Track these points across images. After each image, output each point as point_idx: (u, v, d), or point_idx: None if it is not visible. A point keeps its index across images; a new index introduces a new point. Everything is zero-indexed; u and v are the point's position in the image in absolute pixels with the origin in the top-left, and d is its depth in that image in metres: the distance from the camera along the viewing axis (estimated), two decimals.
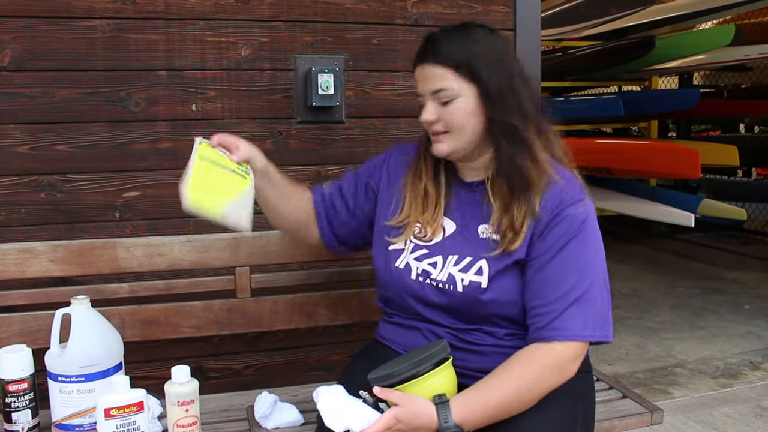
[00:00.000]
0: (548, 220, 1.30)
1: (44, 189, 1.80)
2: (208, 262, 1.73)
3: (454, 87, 1.31)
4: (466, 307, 1.33)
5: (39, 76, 1.77)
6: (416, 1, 2.03)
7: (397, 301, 1.44)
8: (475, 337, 1.36)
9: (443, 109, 1.33)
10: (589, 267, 1.29)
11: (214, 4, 1.87)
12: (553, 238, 1.29)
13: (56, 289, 1.66)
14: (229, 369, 2.01)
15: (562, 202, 1.31)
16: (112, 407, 1.23)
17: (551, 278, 1.28)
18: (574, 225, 1.29)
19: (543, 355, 1.26)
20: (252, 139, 1.90)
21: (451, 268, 1.35)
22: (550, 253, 1.29)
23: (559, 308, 1.26)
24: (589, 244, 1.30)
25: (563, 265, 1.28)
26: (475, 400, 1.22)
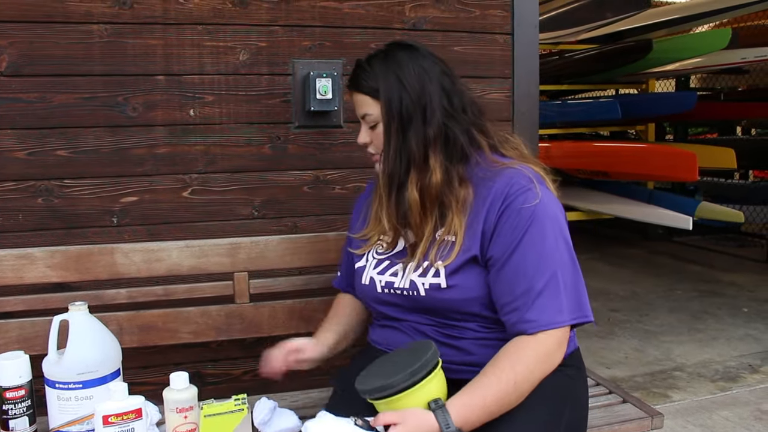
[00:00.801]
0: (497, 216, 1.30)
1: (42, 194, 1.80)
2: (207, 267, 1.72)
3: (375, 113, 1.38)
4: (434, 309, 1.37)
5: (36, 81, 1.76)
6: (414, 6, 2.03)
7: (380, 311, 1.49)
8: (455, 332, 1.37)
9: (372, 133, 1.41)
10: (551, 255, 1.28)
11: (212, 8, 1.87)
12: (507, 233, 1.29)
13: (54, 295, 1.66)
14: (227, 374, 2.00)
15: (509, 196, 1.30)
16: (110, 414, 1.22)
17: (514, 273, 1.28)
18: (525, 216, 1.28)
19: (528, 347, 1.25)
20: (250, 143, 1.92)
21: (411, 274, 1.37)
22: (508, 250, 1.28)
23: (529, 300, 1.25)
24: (547, 233, 1.29)
25: (523, 259, 1.27)
26: (471, 401, 1.22)
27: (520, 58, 2.16)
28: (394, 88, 1.35)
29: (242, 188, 1.94)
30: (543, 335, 1.25)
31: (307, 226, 2.00)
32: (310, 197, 2.00)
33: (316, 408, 1.65)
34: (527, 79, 2.19)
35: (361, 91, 1.39)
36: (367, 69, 1.38)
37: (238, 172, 1.93)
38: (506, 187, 1.31)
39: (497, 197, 1.31)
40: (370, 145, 1.44)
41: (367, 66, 1.39)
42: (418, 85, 1.34)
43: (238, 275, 1.74)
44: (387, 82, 1.35)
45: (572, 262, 1.31)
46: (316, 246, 1.79)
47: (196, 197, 1.91)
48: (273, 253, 1.76)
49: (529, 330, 1.25)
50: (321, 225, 2.00)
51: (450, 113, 1.35)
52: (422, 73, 1.35)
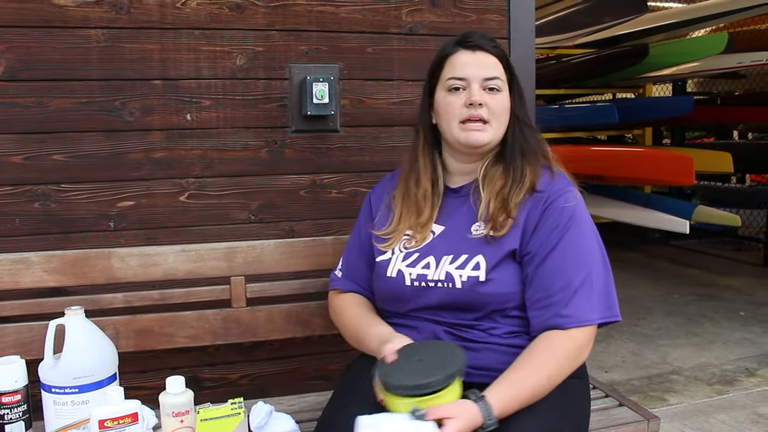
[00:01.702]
0: (540, 212, 1.35)
1: (38, 199, 1.80)
2: (203, 271, 1.72)
3: (503, 79, 1.42)
4: (467, 303, 1.35)
5: (33, 86, 1.76)
6: (411, 10, 2.03)
7: (395, 309, 1.47)
8: (471, 334, 1.37)
9: (489, 97, 1.39)
10: (587, 255, 1.34)
11: (208, 13, 1.87)
12: (547, 231, 1.34)
13: (50, 300, 1.65)
14: (224, 379, 2.00)
15: (551, 195, 1.37)
16: (106, 419, 1.22)
17: (553, 270, 1.32)
18: (566, 216, 1.35)
19: (561, 342, 1.29)
20: (247, 148, 1.92)
21: (447, 266, 1.37)
22: (548, 246, 1.33)
23: (566, 297, 1.30)
24: (583, 234, 1.35)
25: (563, 257, 1.32)
26: (509, 393, 1.24)
27: (517, 62, 2.12)
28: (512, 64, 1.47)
29: (239, 192, 1.94)
30: (575, 331, 1.29)
31: (304, 230, 2.00)
32: (306, 201, 2.00)
33: (312, 412, 1.66)
34: (524, 83, 2.17)
35: (494, 53, 1.42)
36: (495, 39, 1.46)
37: (235, 177, 1.93)
38: (548, 185, 1.39)
39: (542, 193, 1.38)
40: (483, 108, 1.39)
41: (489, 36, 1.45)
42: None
43: (235, 279, 1.74)
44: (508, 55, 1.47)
45: (604, 263, 1.37)
46: (313, 250, 1.80)
47: (193, 201, 1.91)
48: (270, 257, 1.76)
49: (564, 325, 1.29)
50: (318, 229, 2.01)
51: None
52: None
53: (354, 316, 1.53)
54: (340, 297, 1.60)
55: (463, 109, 1.39)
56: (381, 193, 1.60)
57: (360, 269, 1.57)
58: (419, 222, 1.45)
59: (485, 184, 1.42)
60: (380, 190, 1.61)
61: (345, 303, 1.58)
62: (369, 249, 1.55)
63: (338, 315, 1.58)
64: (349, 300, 1.58)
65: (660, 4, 6.95)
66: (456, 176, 1.49)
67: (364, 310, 1.55)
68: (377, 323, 1.47)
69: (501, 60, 1.42)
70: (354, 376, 1.46)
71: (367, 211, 1.60)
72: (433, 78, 1.47)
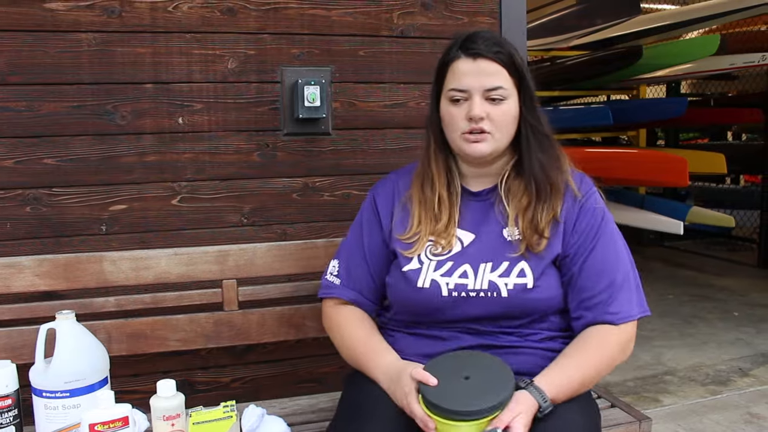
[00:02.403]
0: (576, 213, 1.37)
1: (30, 203, 1.79)
2: (195, 275, 1.72)
3: (507, 87, 1.34)
4: (514, 311, 1.34)
5: (24, 90, 1.76)
6: (402, 13, 2.04)
7: (424, 320, 1.40)
8: (506, 340, 1.36)
9: (492, 108, 1.34)
10: (621, 253, 1.38)
11: (200, 17, 1.87)
12: (584, 232, 1.36)
13: (42, 304, 1.65)
14: (217, 382, 2.00)
15: (584, 195, 1.40)
16: (97, 422, 1.22)
17: (596, 270, 1.34)
18: (599, 216, 1.38)
19: (613, 336, 1.32)
20: (239, 151, 1.92)
21: (488, 274, 1.34)
22: (588, 247, 1.35)
23: (612, 295, 1.33)
24: (615, 233, 1.39)
25: (603, 256, 1.35)
26: (560, 378, 1.26)
27: None
28: (526, 68, 1.37)
29: (231, 196, 1.94)
30: (625, 326, 1.32)
31: (296, 233, 2.00)
32: (299, 204, 2.00)
33: (305, 415, 1.67)
34: None
35: (498, 60, 1.32)
36: (497, 41, 1.34)
37: (227, 180, 1.93)
38: (579, 186, 1.41)
39: (573, 194, 1.39)
40: (484, 121, 1.34)
41: (495, 38, 1.35)
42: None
43: (227, 283, 1.74)
44: (520, 59, 1.36)
45: (632, 260, 1.40)
46: (305, 253, 1.80)
47: (185, 205, 1.91)
48: (261, 260, 1.76)
49: (616, 321, 1.31)
50: (310, 232, 2.01)
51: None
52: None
53: (357, 339, 1.44)
54: (339, 310, 1.50)
55: (465, 122, 1.35)
56: (387, 193, 1.51)
57: (362, 276, 1.48)
58: (438, 229, 1.39)
59: (509, 199, 1.39)
60: (386, 189, 1.52)
61: (345, 319, 1.48)
62: (375, 255, 1.48)
63: (337, 331, 1.49)
64: (350, 315, 1.48)
65: (653, 6, 6.97)
66: (473, 179, 1.45)
67: (368, 330, 1.45)
68: (383, 352, 1.38)
69: (506, 66, 1.33)
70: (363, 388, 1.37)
71: (372, 212, 1.51)
72: (438, 84, 1.42)
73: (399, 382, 1.26)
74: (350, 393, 1.42)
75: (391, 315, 1.48)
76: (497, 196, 1.41)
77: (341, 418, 1.37)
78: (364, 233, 1.50)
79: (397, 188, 1.51)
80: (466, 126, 1.34)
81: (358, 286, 1.49)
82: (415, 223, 1.42)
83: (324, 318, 1.55)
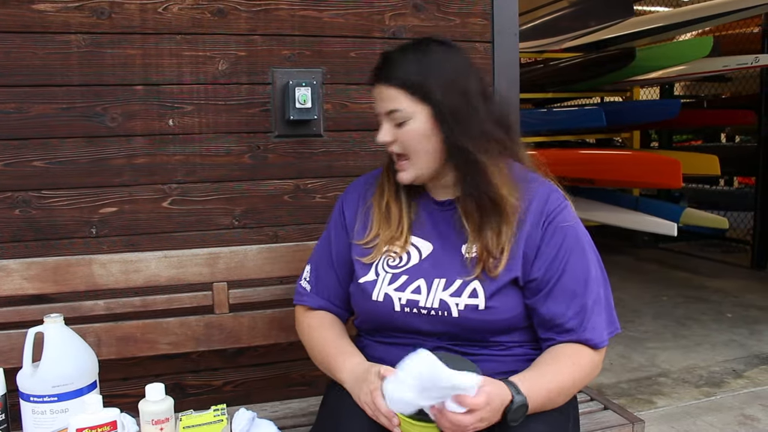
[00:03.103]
0: (540, 234, 1.30)
1: (19, 206, 1.78)
2: (185, 278, 1.71)
3: (406, 109, 1.29)
4: (464, 332, 1.29)
5: (13, 92, 1.75)
6: (394, 14, 2.03)
7: (383, 332, 1.39)
8: (470, 349, 1.32)
9: (398, 131, 1.31)
10: (593, 272, 1.31)
11: (190, 18, 1.86)
12: (552, 253, 1.29)
13: (30, 308, 1.63)
14: (208, 385, 1.99)
15: (549, 213, 1.31)
16: (84, 427, 1.21)
17: (565, 294, 1.28)
18: (570, 236, 1.30)
19: (587, 353, 1.29)
20: (230, 153, 1.91)
21: (440, 293, 1.29)
22: (557, 271, 1.29)
23: (583, 321, 1.28)
24: (586, 250, 1.32)
25: (572, 279, 1.29)
26: (537, 379, 1.23)
27: (501, 66, 2.16)
28: (438, 83, 1.27)
29: (222, 198, 1.93)
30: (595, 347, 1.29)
31: (287, 235, 1.99)
32: (290, 206, 1.99)
33: (296, 418, 1.65)
34: (508, 87, 2.19)
35: (392, 85, 1.29)
36: (400, 60, 1.30)
37: (218, 182, 1.93)
38: (544, 204, 1.32)
39: (537, 214, 1.31)
40: (394, 144, 1.32)
41: (400, 57, 1.30)
42: (462, 83, 1.29)
43: (218, 285, 1.73)
44: (429, 75, 1.27)
45: (605, 277, 1.35)
46: (296, 255, 1.78)
47: (176, 207, 1.90)
48: (252, 262, 1.75)
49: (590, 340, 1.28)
50: (302, 234, 2.00)
51: (489, 116, 1.31)
52: (463, 70, 1.31)
53: (324, 342, 1.42)
54: (310, 315, 1.49)
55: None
56: (353, 198, 1.49)
57: (330, 283, 1.47)
58: (393, 235, 1.37)
59: (466, 219, 1.33)
60: (352, 195, 1.50)
61: (314, 323, 1.47)
62: (342, 262, 1.45)
63: (307, 335, 1.47)
64: (318, 320, 1.47)
65: (646, 8, 6.99)
66: (434, 189, 1.41)
67: (336, 334, 1.43)
68: (350, 354, 1.36)
69: (403, 87, 1.28)
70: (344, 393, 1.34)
71: (339, 219, 1.49)
72: None
73: (365, 381, 1.24)
74: (331, 398, 1.40)
75: (358, 322, 1.47)
76: (456, 209, 1.36)
77: (321, 422, 1.37)
78: (332, 240, 1.48)
79: (363, 193, 1.48)
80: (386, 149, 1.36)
81: (327, 293, 1.48)
82: (373, 228, 1.40)
83: (296, 323, 1.54)
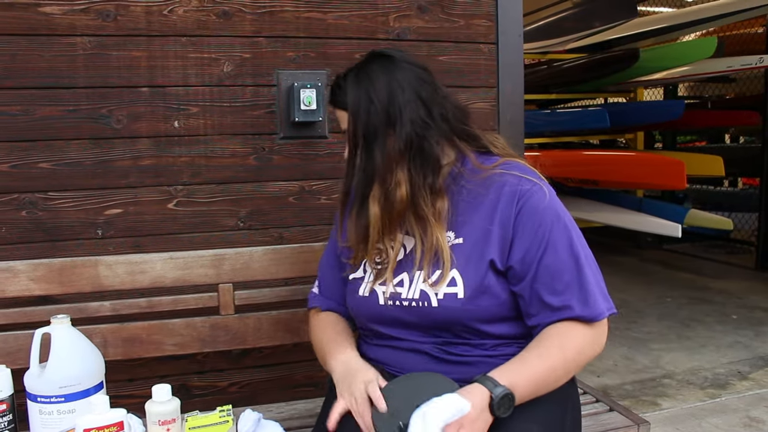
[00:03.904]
0: (514, 219, 1.28)
1: (25, 207, 1.79)
2: (191, 279, 1.72)
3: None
4: (446, 323, 1.30)
5: (19, 94, 1.76)
6: (398, 16, 2.04)
7: (369, 329, 1.42)
8: (460, 350, 1.33)
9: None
10: (579, 248, 1.29)
11: (195, 20, 1.87)
12: (531, 235, 1.27)
13: (37, 309, 1.64)
14: (214, 386, 2.00)
15: (521, 196, 1.29)
16: (91, 428, 1.21)
17: (549, 275, 1.26)
18: (546, 215, 1.28)
19: (578, 330, 1.26)
20: (235, 155, 1.92)
21: (420, 284, 1.31)
22: (537, 252, 1.27)
23: (571, 294, 1.26)
24: (568, 226, 1.30)
25: (556, 259, 1.27)
26: (519, 367, 1.22)
27: (505, 67, 2.17)
28: (362, 102, 1.30)
29: (227, 199, 1.94)
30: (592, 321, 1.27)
31: (292, 236, 1.99)
32: (295, 208, 2.00)
33: (302, 419, 1.66)
34: (512, 88, 2.20)
35: (336, 107, 1.37)
36: (341, 84, 1.35)
37: (224, 184, 1.93)
38: (515, 187, 1.30)
39: (509, 199, 1.29)
40: None
41: (342, 81, 1.36)
42: (386, 98, 1.28)
43: (223, 287, 1.74)
44: (355, 96, 1.31)
45: (591, 254, 1.32)
46: (301, 256, 1.79)
47: (182, 209, 1.91)
48: (258, 264, 1.76)
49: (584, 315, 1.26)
50: (306, 235, 2.00)
51: (426, 123, 1.29)
52: (393, 85, 1.29)
53: (325, 336, 1.46)
54: (316, 316, 1.54)
55: None
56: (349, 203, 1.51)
57: (335, 286, 1.52)
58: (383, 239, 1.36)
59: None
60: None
61: (318, 323, 1.52)
62: (343, 264, 1.49)
63: (312, 334, 1.52)
64: (323, 320, 1.51)
65: (650, 9, 6.99)
66: None
67: (335, 330, 1.47)
68: (343, 348, 1.39)
69: (344, 109, 1.34)
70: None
71: (338, 224, 1.53)
72: None
73: (353, 383, 1.26)
74: (334, 395, 1.39)
75: (356, 322, 1.48)
76: None
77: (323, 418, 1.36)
78: (334, 244, 1.53)
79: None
80: None
81: (332, 294, 1.53)
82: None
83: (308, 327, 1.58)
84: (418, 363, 1.34)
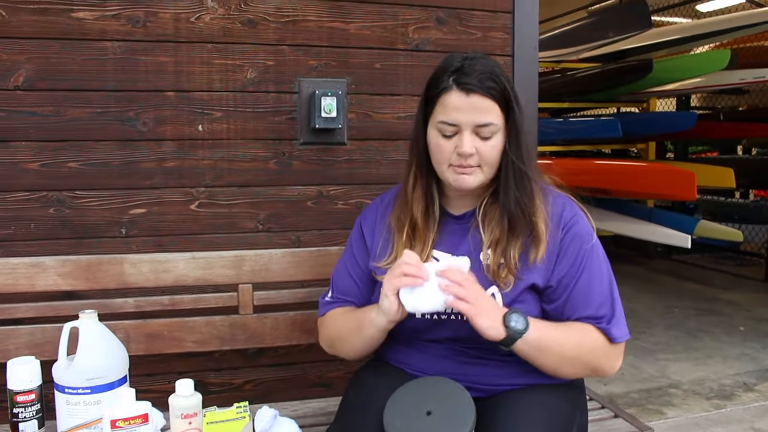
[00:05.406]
0: (560, 241, 1.35)
1: (53, 205, 1.85)
2: (212, 279, 1.77)
3: (497, 123, 1.30)
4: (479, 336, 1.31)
5: (51, 96, 1.82)
6: (417, 27, 2.08)
7: (402, 339, 1.43)
8: (484, 353, 1.37)
9: (481, 144, 1.31)
10: (607, 278, 1.37)
11: (221, 27, 1.92)
12: (571, 258, 1.35)
13: (63, 303, 1.70)
14: (229, 384, 2.05)
15: (567, 221, 1.37)
16: (118, 419, 1.27)
17: (581, 297, 1.34)
18: (586, 240, 1.36)
19: (601, 336, 1.34)
20: (256, 159, 1.97)
21: None
22: (574, 275, 1.34)
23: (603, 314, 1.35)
24: (601, 256, 1.38)
25: (589, 283, 1.34)
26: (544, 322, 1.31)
27: (520, 78, 2.21)
28: (517, 101, 1.32)
29: (248, 202, 1.99)
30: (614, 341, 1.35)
31: (309, 240, 2.04)
32: (313, 212, 2.05)
33: (315, 417, 1.71)
34: (527, 99, 2.22)
35: (491, 96, 1.28)
36: (492, 71, 1.29)
37: (244, 187, 1.98)
38: (561, 212, 1.38)
39: (555, 223, 1.36)
40: (472, 157, 1.31)
41: (487, 68, 1.29)
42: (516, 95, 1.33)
43: (243, 287, 1.79)
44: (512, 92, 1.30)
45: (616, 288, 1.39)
46: (318, 260, 1.84)
47: (203, 210, 1.96)
48: (277, 266, 1.81)
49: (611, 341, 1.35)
50: (323, 239, 2.05)
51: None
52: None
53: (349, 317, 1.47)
54: (331, 313, 1.54)
55: (453, 155, 1.32)
56: (372, 218, 1.53)
57: (353, 292, 1.52)
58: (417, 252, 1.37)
59: (485, 225, 1.38)
60: (370, 216, 1.54)
61: (336, 313, 1.52)
62: (361, 272, 1.51)
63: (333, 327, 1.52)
64: (338, 311, 1.52)
65: (664, 20, 7.00)
66: (455, 201, 1.44)
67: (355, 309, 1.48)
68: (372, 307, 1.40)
69: (498, 101, 1.29)
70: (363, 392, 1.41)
71: (359, 239, 1.53)
72: (426, 109, 1.37)
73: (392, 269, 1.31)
74: (351, 395, 1.45)
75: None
76: (475, 220, 1.40)
77: (341, 418, 1.41)
78: (356, 259, 1.53)
79: (380, 215, 1.52)
80: (456, 159, 1.32)
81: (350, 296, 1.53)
82: (396, 251, 1.41)
83: (319, 336, 1.59)
84: (438, 365, 1.39)
